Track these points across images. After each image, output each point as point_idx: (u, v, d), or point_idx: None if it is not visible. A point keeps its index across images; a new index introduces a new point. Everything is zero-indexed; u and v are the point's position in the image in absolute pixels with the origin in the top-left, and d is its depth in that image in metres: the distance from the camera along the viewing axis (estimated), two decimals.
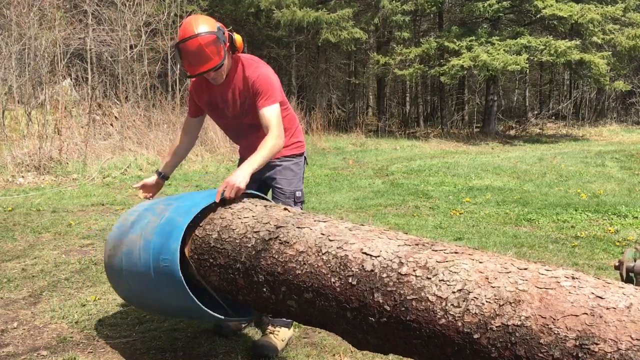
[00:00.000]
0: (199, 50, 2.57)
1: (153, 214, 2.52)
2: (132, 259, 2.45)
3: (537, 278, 1.53)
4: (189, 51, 2.59)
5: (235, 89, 2.78)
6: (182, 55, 2.64)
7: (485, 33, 17.50)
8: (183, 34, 2.60)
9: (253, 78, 2.71)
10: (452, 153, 13.79)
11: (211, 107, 2.92)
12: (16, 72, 10.79)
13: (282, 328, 2.88)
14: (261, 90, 2.70)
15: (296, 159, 3.02)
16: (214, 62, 2.61)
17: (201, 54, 2.58)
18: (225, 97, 2.81)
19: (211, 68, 2.61)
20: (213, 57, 2.59)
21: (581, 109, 23.26)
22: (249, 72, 2.74)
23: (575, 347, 1.36)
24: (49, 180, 8.24)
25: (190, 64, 2.64)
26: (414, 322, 1.63)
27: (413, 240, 1.88)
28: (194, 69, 2.64)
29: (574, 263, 4.31)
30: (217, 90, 2.83)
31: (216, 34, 2.58)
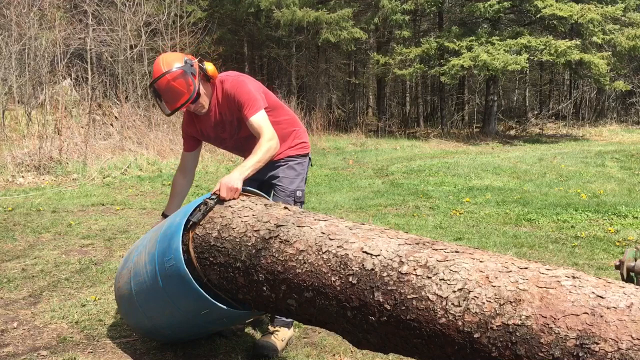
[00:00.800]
0: (169, 87, 2.65)
1: (153, 231, 2.61)
2: (139, 276, 2.49)
3: (538, 277, 1.53)
4: (161, 90, 2.67)
5: (221, 111, 2.84)
6: (157, 94, 2.72)
7: (486, 33, 17.51)
8: (154, 74, 2.68)
9: (232, 92, 2.77)
10: (452, 153, 13.79)
11: (205, 137, 2.99)
12: (16, 72, 10.80)
13: (282, 328, 2.88)
14: (242, 101, 2.74)
15: (300, 159, 3.03)
16: (185, 96, 2.67)
17: (172, 90, 2.65)
18: (216, 122, 2.88)
19: (185, 102, 2.67)
20: (184, 91, 2.66)
21: (581, 109, 23.27)
22: (226, 87, 2.79)
23: (576, 347, 1.36)
24: (49, 180, 8.24)
25: (167, 101, 2.71)
26: (414, 321, 1.63)
27: (413, 239, 1.88)
28: (170, 106, 2.71)
29: (574, 263, 4.31)
30: (205, 118, 2.89)
31: (183, 68, 2.65)
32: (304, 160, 3.06)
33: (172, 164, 9.80)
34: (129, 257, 2.70)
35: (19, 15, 10.76)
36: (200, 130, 2.95)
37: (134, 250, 2.71)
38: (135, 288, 2.53)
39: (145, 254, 2.49)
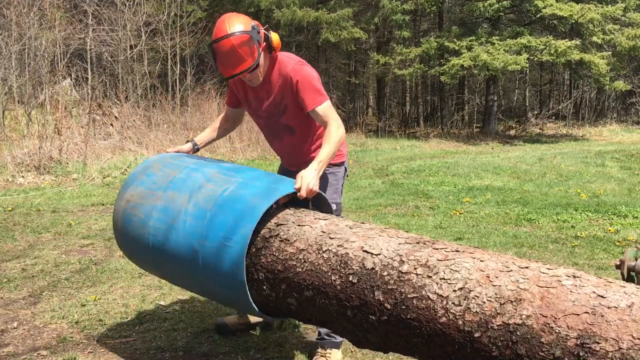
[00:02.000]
0: (232, 51, 2.44)
1: (207, 180, 2.22)
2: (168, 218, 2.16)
3: (539, 277, 1.53)
4: (221, 52, 2.47)
5: (272, 88, 2.65)
6: (215, 55, 2.51)
7: (485, 33, 17.50)
8: (216, 33, 2.47)
9: (294, 78, 2.57)
10: (452, 153, 13.79)
11: (247, 103, 2.81)
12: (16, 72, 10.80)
13: (333, 350, 2.73)
14: (304, 87, 2.56)
15: (333, 169, 2.78)
16: (247, 64, 2.47)
17: (234, 55, 2.45)
18: (261, 96, 2.69)
19: (244, 70, 2.48)
20: (246, 58, 2.46)
21: (581, 109, 23.26)
22: (287, 70, 2.59)
23: (577, 346, 1.36)
24: (49, 180, 8.23)
25: (224, 65, 2.51)
26: (414, 320, 1.63)
27: (414, 238, 1.88)
28: (227, 71, 2.51)
29: (574, 263, 4.31)
30: (253, 90, 2.72)
31: (250, 34, 2.45)
32: (338, 169, 2.81)
33: None
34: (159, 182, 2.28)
35: (19, 15, 10.76)
36: (245, 94, 2.77)
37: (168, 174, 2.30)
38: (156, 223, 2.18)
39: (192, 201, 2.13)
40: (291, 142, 2.75)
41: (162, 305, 3.49)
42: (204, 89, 13.33)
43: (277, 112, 2.69)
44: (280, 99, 2.64)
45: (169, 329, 3.15)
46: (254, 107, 2.76)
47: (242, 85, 2.74)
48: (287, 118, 2.69)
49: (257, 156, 11.56)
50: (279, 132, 2.77)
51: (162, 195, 2.20)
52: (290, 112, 2.66)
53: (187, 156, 2.62)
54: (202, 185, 2.17)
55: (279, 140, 2.82)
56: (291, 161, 2.86)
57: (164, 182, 2.24)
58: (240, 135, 12.00)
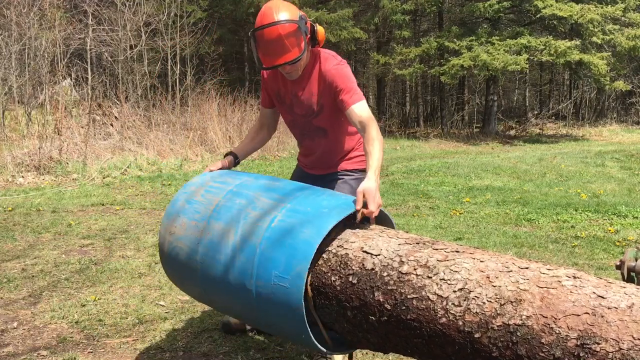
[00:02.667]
0: (278, 40, 2.29)
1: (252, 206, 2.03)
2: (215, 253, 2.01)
3: (539, 277, 1.52)
4: (266, 40, 2.31)
5: (310, 85, 2.50)
6: (258, 43, 2.34)
7: (485, 33, 17.50)
8: (261, 20, 2.31)
9: (335, 75, 2.43)
10: (452, 153, 13.79)
11: (280, 100, 2.65)
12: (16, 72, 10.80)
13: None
14: (344, 87, 2.41)
15: (357, 174, 2.65)
16: (292, 55, 2.32)
17: (279, 45, 2.30)
18: (297, 93, 2.54)
19: (289, 61, 2.33)
20: (292, 48, 2.31)
21: (581, 109, 23.26)
22: (328, 67, 2.45)
23: (577, 347, 1.36)
24: (49, 180, 8.23)
25: (266, 54, 2.35)
26: (414, 321, 1.63)
27: (414, 239, 1.88)
28: (269, 60, 2.36)
29: (574, 263, 4.31)
30: (289, 84, 2.55)
31: (298, 24, 2.30)
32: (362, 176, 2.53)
33: (172, 164, 9.80)
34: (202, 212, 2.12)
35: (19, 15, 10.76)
36: (279, 90, 2.61)
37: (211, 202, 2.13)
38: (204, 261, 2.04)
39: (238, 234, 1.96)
40: (322, 144, 2.62)
41: (162, 305, 3.49)
42: (204, 89, 13.34)
43: (313, 112, 2.55)
44: (317, 97, 2.51)
45: (169, 329, 3.15)
46: (288, 104, 2.61)
47: (276, 79, 2.59)
48: (321, 119, 2.56)
49: (257, 156, 11.56)
50: (311, 132, 2.64)
51: (206, 226, 2.06)
52: (326, 113, 2.53)
53: (229, 174, 2.41)
54: (248, 214, 2.00)
55: (310, 140, 2.68)
56: (315, 164, 2.72)
57: (207, 212, 2.10)
58: (240, 135, 12.00)
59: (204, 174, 2.46)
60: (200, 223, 2.09)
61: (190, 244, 2.10)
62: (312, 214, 1.91)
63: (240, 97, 13.26)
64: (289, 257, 1.82)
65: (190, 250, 2.09)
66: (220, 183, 2.25)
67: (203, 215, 2.10)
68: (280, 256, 1.84)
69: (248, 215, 1.99)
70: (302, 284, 1.76)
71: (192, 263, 2.10)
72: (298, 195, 2.05)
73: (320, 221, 1.86)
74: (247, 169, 10.01)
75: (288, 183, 2.28)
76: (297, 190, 2.12)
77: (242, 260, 1.91)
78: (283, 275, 1.81)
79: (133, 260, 4.42)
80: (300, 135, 2.71)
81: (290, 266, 1.80)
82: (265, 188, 2.16)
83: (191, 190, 2.25)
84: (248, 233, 1.94)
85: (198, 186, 2.27)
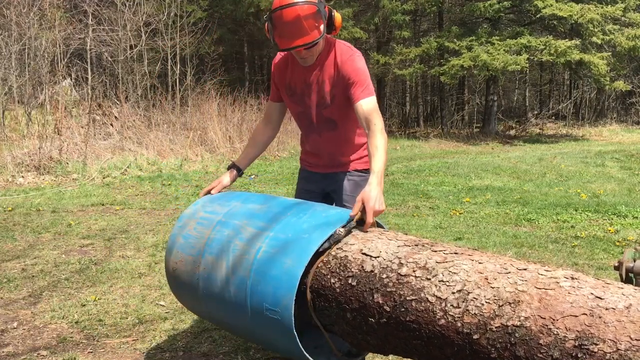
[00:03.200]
0: (296, 21, 2.22)
1: (238, 237, 2.07)
2: (213, 286, 2.08)
3: (537, 278, 1.53)
4: (283, 21, 2.24)
5: (323, 74, 2.43)
6: (275, 24, 2.27)
7: (485, 33, 17.51)
8: (279, 1, 2.25)
9: (350, 66, 2.37)
10: (452, 153, 13.79)
11: (290, 91, 2.55)
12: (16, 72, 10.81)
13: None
14: (357, 80, 2.35)
15: (367, 175, 2.48)
16: (309, 37, 2.24)
17: (297, 26, 2.23)
18: (309, 81, 2.46)
19: (306, 43, 2.25)
20: (310, 31, 2.24)
21: (581, 109, 23.27)
22: (344, 58, 2.39)
23: (575, 348, 1.36)
24: (49, 180, 8.24)
25: (283, 36, 2.28)
26: (413, 322, 1.63)
27: (413, 240, 1.88)
28: (286, 42, 2.28)
29: (574, 263, 4.31)
30: (301, 72, 2.47)
31: (317, 6, 2.24)
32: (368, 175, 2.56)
33: (172, 164, 9.81)
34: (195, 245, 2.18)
35: (19, 15, 10.76)
36: (289, 81, 2.52)
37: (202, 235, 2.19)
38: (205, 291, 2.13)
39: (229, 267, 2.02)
40: (331, 138, 2.54)
41: (162, 305, 3.49)
42: (204, 89, 13.34)
43: (324, 103, 2.47)
44: (330, 87, 2.43)
45: (169, 329, 3.15)
46: (299, 93, 2.51)
47: (286, 70, 2.52)
48: (332, 110, 2.48)
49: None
50: (320, 125, 2.54)
51: (202, 261, 2.13)
52: (337, 104, 2.45)
53: (219, 201, 2.40)
54: (236, 246, 2.05)
55: (317, 135, 2.57)
56: (321, 162, 2.63)
57: (200, 246, 2.17)
58: (240, 136, 12.01)
59: (197, 202, 2.46)
60: (197, 257, 2.17)
61: (191, 280, 2.18)
62: (293, 240, 1.94)
63: (240, 97, 13.27)
64: (275, 289, 1.87)
65: (193, 285, 2.19)
66: (210, 213, 2.29)
67: (198, 250, 2.18)
68: (268, 289, 1.89)
69: (236, 247, 2.04)
70: (291, 314, 1.82)
71: (197, 296, 2.20)
72: (281, 220, 2.06)
73: (301, 249, 1.90)
74: (248, 169, 10.00)
75: (274, 204, 2.25)
76: (280, 213, 2.12)
77: (236, 294, 1.99)
78: (273, 307, 1.87)
79: (133, 260, 4.43)
80: (307, 127, 2.60)
81: (277, 299, 1.86)
82: (251, 215, 2.18)
83: (184, 223, 2.31)
84: (237, 266, 2.00)
85: (190, 218, 2.31)
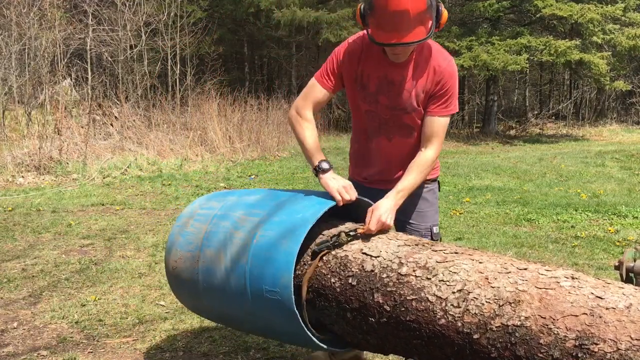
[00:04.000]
0: (404, 14, 1.89)
1: (235, 227, 2.09)
2: (213, 278, 2.09)
3: (537, 278, 1.53)
4: (389, 11, 1.90)
5: (414, 76, 2.12)
6: (375, 12, 1.95)
7: (485, 33, 17.51)
8: None
9: (446, 75, 2.11)
10: (452, 153, 13.79)
11: (360, 85, 2.20)
12: (16, 72, 10.81)
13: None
14: (448, 94, 2.13)
15: (432, 186, 2.36)
16: (414, 36, 1.93)
17: (404, 20, 1.90)
18: (392, 79, 2.14)
19: (413, 42, 1.95)
20: (415, 28, 1.92)
21: (581, 109, 23.26)
22: (441, 63, 2.13)
23: (575, 347, 1.36)
24: (49, 180, 8.24)
25: (383, 28, 1.94)
26: (414, 322, 1.63)
27: (413, 240, 1.88)
28: (384, 36, 1.95)
29: (574, 263, 4.31)
30: (380, 66, 2.14)
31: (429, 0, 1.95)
32: (435, 186, 2.39)
33: (172, 164, 9.80)
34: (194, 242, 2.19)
35: (19, 15, 10.76)
36: (361, 72, 2.17)
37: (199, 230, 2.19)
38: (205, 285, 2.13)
39: (227, 256, 2.04)
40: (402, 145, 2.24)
41: (162, 305, 3.49)
42: (204, 89, 13.34)
43: (409, 107, 2.16)
44: (419, 91, 2.14)
45: (169, 329, 3.15)
46: (372, 91, 2.18)
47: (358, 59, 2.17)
48: (414, 117, 2.19)
49: (257, 156, 11.57)
50: (392, 128, 2.23)
51: (201, 255, 2.15)
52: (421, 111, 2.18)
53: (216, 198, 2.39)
54: (233, 235, 2.06)
55: (386, 139, 2.25)
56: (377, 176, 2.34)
57: (198, 241, 2.18)
58: (240, 135, 12.01)
59: (194, 201, 2.44)
60: (195, 252, 2.17)
61: (191, 275, 2.19)
62: (287, 222, 1.96)
63: (240, 97, 13.27)
64: (274, 270, 1.89)
65: (193, 280, 2.19)
66: (207, 209, 2.29)
67: (196, 245, 2.19)
68: (267, 271, 1.91)
69: (233, 236, 2.06)
70: (290, 292, 1.83)
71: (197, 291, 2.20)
72: (275, 206, 2.08)
73: (295, 229, 1.91)
74: (248, 169, 10.02)
75: (270, 195, 2.25)
76: (276, 201, 2.14)
77: (236, 282, 2.00)
78: (272, 288, 1.89)
79: (133, 260, 4.43)
80: (376, 130, 2.26)
81: (276, 279, 1.87)
82: (247, 206, 2.19)
83: (183, 222, 2.32)
84: (235, 254, 2.01)
85: (188, 216, 2.32)
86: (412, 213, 2.31)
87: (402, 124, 2.21)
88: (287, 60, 20.39)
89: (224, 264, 2.04)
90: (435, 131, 2.13)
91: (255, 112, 13.16)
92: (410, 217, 2.32)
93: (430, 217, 2.35)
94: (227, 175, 9.27)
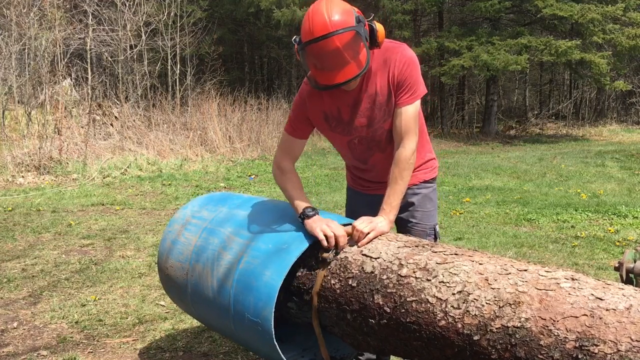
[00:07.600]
0: (335, 53, 1.85)
1: (223, 246, 2.07)
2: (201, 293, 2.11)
3: (537, 279, 1.53)
4: (320, 54, 1.87)
5: (372, 88, 2.06)
6: (307, 56, 1.92)
7: (486, 33, 17.50)
8: (311, 28, 1.86)
9: (399, 65, 2.01)
10: (452, 153, 13.79)
11: (332, 121, 2.15)
12: (16, 72, 10.80)
13: None
14: (407, 81, 2.02)
15: (433, 184, 2.34)
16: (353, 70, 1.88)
17: (338, 58, 1.86)
18: (358, 98, 2.08)
19: (350, 78, 1.89)
20: (352, 60, 1.88)
21: (581, 109, 23.26)
22: (391, 56, 2.03)
23: (575, 349, 1.36)
24: (49, 180, 8.24)
25: (322, 69, 1.90)
26: (414, 323, 1.63)
27: (413, 241, 1.88)
28: (329, 77, 1.90)
29: (574, 263, 4.31)
30: (344, 95, 2.08)
31: (355, 29, 1.86)
32: (435, 185, 2.37)
33: (172, 164, 9.81)
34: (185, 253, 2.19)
35: (19, 15, 10.76)
36: (328, 110, 2.12)
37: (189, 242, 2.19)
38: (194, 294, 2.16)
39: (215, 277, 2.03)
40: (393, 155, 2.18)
41: (162, 305, 3.49)
42: (203, 89, 13.35)
43: (382, 117, 2.09)
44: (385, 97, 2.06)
45: (169, 329, 3.15)
46: (346, 120, 2.13)
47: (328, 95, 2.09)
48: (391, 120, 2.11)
49: (257, 156, 11.57)
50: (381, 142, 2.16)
51: (189, 268, 2.16)
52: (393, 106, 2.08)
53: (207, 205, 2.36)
54: (220, 255, 2.06)
55: (380, 153, 2.19)
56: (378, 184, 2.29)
57: (188, 253, 2.19)
58: (240, 135, 12.01)
59: (186, 206, 2.44)
60: (185, 264, 2.19)
61: (181, 286, 2.23)
62: (273, 252, 1.93)
63: (240, 97, 13.28)
64: (256, 300, 1.87)
65: (183, 292, 2.24)
66: (198, 219, 2.29)
67: (185, 257, 2.20)
68: (249, 300, 1.90)
69: (221, 257, 2.06)
70: (270, 325, 1.82)
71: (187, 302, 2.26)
72: (263, 230, 2.05)
73: (280, 260, 1.88)
74: (248, 169, 10.01)
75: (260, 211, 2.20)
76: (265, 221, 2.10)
77: (221, 302, 2.02)
78: (254, 318, 1.88)
79: (133, 260, 4.43)
80: (365, 152, 2.21)
81: (258, 309, 1.86)
82: (236, 223, 2.15)
83: (174, 228, 2.33)
84: (223, 276, 2.02)
85: (180, 224, 2.33)
86: (419, 213, 2.31)
87: (387, 132, 2.14)
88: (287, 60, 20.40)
89: (211, 282, 2.05)
90: (406, 124, 2.04)
91: (255, 112, 13.16)
92: (416, 217, 2.31)
93: (434, 216, 2.35)
94: (227, 175, 9.28)
